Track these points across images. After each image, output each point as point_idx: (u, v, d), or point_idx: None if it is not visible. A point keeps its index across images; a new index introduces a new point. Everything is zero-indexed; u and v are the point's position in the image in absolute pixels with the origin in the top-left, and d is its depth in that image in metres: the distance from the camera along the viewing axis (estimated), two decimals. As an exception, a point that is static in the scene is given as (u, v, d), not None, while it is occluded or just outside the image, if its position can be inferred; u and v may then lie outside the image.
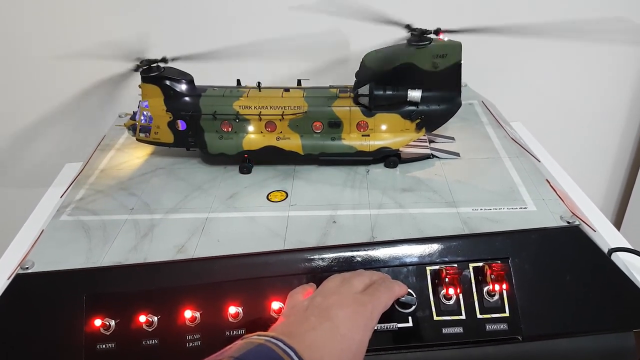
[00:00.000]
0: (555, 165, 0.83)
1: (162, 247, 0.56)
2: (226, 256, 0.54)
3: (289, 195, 0.64)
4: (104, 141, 0.81)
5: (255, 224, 0.59)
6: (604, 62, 1.05)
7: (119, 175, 0.71)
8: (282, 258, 0.54)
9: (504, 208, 0.58)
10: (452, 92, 0.67)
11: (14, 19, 0.89)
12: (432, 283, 0.52)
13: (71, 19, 0.89)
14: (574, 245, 0.54)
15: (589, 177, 1.22)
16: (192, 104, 0.67)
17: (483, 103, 0.86)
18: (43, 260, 0.55)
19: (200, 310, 0.51)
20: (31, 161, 1.03)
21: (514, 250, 0.53)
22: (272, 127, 0.68)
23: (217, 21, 0.92)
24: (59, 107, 0.91)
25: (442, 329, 0.51)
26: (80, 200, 0.66)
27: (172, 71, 0.69)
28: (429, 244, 0.54)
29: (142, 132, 0.71)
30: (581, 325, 0.51)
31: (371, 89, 0.65)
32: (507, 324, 0.51)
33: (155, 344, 0.51)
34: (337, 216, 0.59)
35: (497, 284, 0.50)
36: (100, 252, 0.56)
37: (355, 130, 0.68)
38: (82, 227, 0.60)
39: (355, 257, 0.53)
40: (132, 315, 0.51)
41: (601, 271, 0.53)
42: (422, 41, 0.63)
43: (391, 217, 0.59)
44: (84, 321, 0.51)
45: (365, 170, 0.69)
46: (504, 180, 0.64)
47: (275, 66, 0.82)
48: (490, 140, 0.74)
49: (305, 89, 0.69)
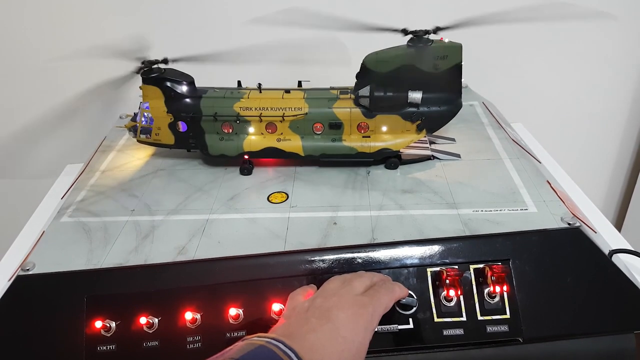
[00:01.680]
0: (555, 166, 0.83)
1: (162, 248, 0.56)
2: (227, 258, 0.54)
3: (289, 197, 0.64)
4: (105, 142, 0.81)
5: (255, 225, 0.59)
6: (605, 63, 1.05)
7: (119, 176, 0.71)
8: (282, 259, 0.54)
9: (504, 209, 0.58)
10: (452, 93, 0.67)
11: (15, 21, 0.89)
12: (432, 284, 0.52)
13: (73, 20, 0.90)
14: (574, 247, 0.54)
15: (590, 178, 1.22)
16: (193, 105, 0.68)
17: (484, 104, 0.86)
18: (44, 261, 0.55)
19: (201, 312, 0.51)
20: (32, 162, 1.03)
21: (514, 251, 0.53)
22: (272, 129, 0.68)
23: (218, 23, 0.92)
24: (59, 108, 0.91)
25: (443, 330, 0.51)
26: (81, 202, 0.66)
27: (173, 72, 0.69)
28: (430, 246, 0.54)
29: (142, 134, 0.71)
30: (582, 327, 0.51)
31: (372, 90, 0.65)
32: (507, 325, 0.51)
33: (156, 345, 0.51)
34: (338, 217, 0.59)
35: (497, 285, 0.50)
36: (101, 253, 0.56)
37: (355, 132, 0.68)
38: (83, 228, 0.60)
39: (356, 258, 0.53)
40: (133, 317, 0.51)
41: (602, 273, 0.53)
42: (422, 42, 0.63)
43: (392, 219, 0.59)
44: (85, 323, 0.51)
45: (366, 172, 0.69)
46: (504, 181, 0.64)
47: (276, 67, 0.82)
48: (491, 142, 0.74)
49: (305, 90, 0.69)
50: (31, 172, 1.04)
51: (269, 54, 0.80)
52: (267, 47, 0.74)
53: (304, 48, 0.77)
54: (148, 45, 0.68)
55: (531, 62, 1.02)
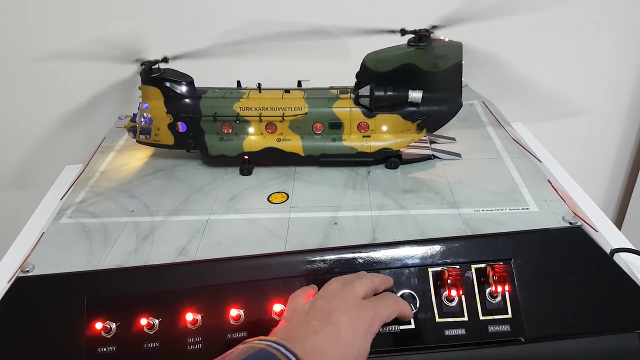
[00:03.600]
0: (556, 165, 0.82)
1: (163, 249, 0.56)
2: (227, 258, 0.54)
3: (289, 197, 0.64)
4: (104, 143, 0.81)
5: (256, 225, 0.59)
6: (604, 61, 1.05)
7: (119, 177, 0.71)
8: (283, 260, 0.54)
9: (505, 209, 0.58)
10: (453, 92, 0.66)
11: (14, 21, 0.89)
12: (434, 284, 0.52)
13: (71, 20, 0.89)
14: (576, 246, 0.54)
15: (590, 177, 1.22)
16: (193, 105, 0.67)
17: (484, 103, 0.86)
18: (44, 263, 0.55)
19: (202, 313, 0.51)
20: (31, 163, 1.03)
21: (516, 251, 0.53)
22: (272, 129, 0.68)
23: (217, 21, 0.92)
24: (58, 109, 0.91)
25: (445, 330, 0.51)
26: (80, 203, 0.65)
27: (172, 73, 0.69)
28: (431, 246, 0.53)
29: (142, 134, 0.70)
30: (584, 327, 0.51)
31: (372, 89, 0.65)
32: (509, 325, 0.50)
33: (157, 347, 0.50)
34: (339, 217, 0.59)
35: (499, 285, 0.50)
36: (101, 254, 0.55)
37: (356, 131, 0.67)
38: (83, 229, 0.60)
39: (357, 258, 0.53)
40: (133, 318, 0.51)
41: (604, 272, 0.53)
42: (422, 42, 0.63)
43: (392, 219, 0.58)
44: (85, 324, 0.51)
45: (366, 172, 0.68)
46: (505, 181, 0.64)
47: (276, 67, 0.82)
48: (492, 141, 0.74)
49: (305, 90, 0.69)
50: (30, 173, 1.03)
51: (268, 53, 0.80)
52: (267, 46, 0.74)
53: (304, 47, 0.77)
54: (147, 43, 0.67)
55: (531, 61, 1.02)
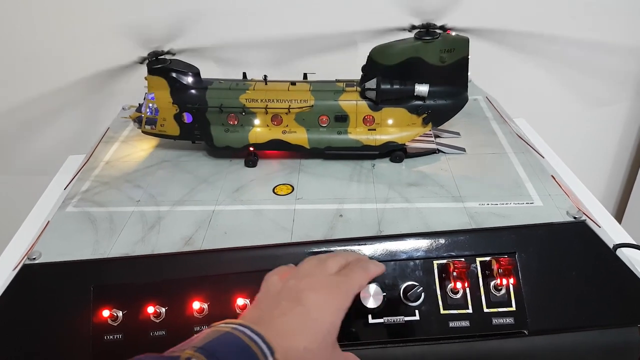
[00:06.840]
0: (558, 160, 0.83)
1: (169, 239, 0.56)
2: (234, 248, 0.54)
3: (295, 189, 0.64)
4: (108, 133, 0.81)
5: (261, 217, 0.59)
6: (605, 58, 1.05)
7: (124, 167, 0.71)
8: (289, 251, 0.54)
9: (510, 203, 0.59)
10: (458, 86, 0.67)
11: (17, 10, 0.88)
12: (439, 277, 0.52)
13: (76, 8, 0.89)
14: (580, 241, 0.54)
15: (590, 172, 1.23)
16: (199, 96, 0.67)
17: (487, 99, 0.86)
18: (50, 251, 0.55)
19: (208, 302, 0.51)
20: (34, 153, 1.03)
21: (520, 245, 0.53)
22: (278, 121, 0.68)
23: (224, 15, 0.91)
24: (61, 98, 0.91)
25: (449, 322, 0.51)
26: (85, 192, 0.65)
27: (179, 63, 0.69)
28: (436, 238, 0.54)
29: (147, 124, 0.70)
30: (587, 320, 0.52)
31: (378, 83, 0.65)
32: (513, 318, 0.51)
33: (163, 335, 0.51)
34: (344, 210, 0.59)
35: (503, 278, 0.51)
36: (108, 243, 0.56)
37: (361, 125, 0.68)
38: (89, 218, 0.60)
39: (362, 250, 0.54)
40: (140, 307, 0.51)
41: (607, 267, 0.53)
42: (429, 35, 0.63)
43: (398, 212, 0.59)
44: (92, 312, 0.51)
45: (371, 165, 0.69)
46: (509, 175, 0.64)
47: (282, 59, 0.82)
48: (496, 136, 0.74)
49: (311, 82, 0.69)
50: (33, 162, 1.03)
51: (274, 46, 0.80)
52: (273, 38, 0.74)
53: (310, 40, 0.77)
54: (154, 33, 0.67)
55: (533, 58, 1.02)
